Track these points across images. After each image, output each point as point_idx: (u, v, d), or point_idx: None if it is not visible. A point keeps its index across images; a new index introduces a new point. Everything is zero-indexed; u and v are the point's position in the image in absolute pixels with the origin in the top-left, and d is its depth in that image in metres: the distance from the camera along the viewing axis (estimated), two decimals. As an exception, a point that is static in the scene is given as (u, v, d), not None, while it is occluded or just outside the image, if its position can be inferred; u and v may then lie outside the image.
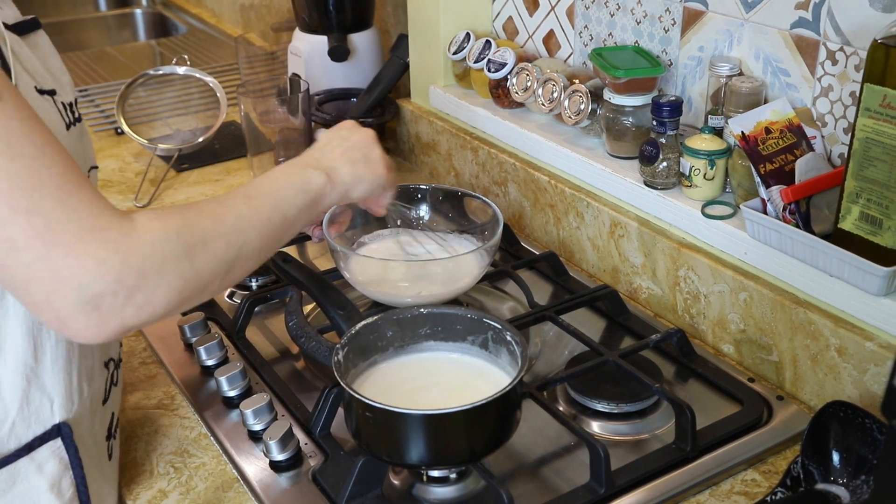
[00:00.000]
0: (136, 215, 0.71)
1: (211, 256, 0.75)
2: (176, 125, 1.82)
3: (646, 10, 1.30)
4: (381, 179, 1.01)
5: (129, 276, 0.68)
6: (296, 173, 0.90)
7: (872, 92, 0.91)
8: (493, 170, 1.48)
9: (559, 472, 0.96)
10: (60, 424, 0.81)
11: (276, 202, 0.85)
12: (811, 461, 0.90)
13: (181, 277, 0.72)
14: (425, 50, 1.62)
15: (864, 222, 0.96)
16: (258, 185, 0.86)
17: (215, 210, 0.78)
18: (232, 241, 0.77)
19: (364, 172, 0.98)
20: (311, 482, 0.94)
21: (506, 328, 0.95)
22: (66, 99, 0.82)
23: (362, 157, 0.98)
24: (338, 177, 0.94)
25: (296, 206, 0.87)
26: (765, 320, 1.07)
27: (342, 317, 1.06)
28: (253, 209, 0.81)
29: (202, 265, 0.74)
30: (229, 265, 0.77)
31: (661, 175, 1.19)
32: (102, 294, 0.67)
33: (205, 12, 2.74)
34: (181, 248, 0.72)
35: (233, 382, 1.07)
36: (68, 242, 0.66)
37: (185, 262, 0.72)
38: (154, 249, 0.70)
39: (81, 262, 0.66)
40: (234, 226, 0.78)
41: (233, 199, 0.81)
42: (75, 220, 0.66)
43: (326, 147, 0.98)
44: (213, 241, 0.75)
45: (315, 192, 0.90)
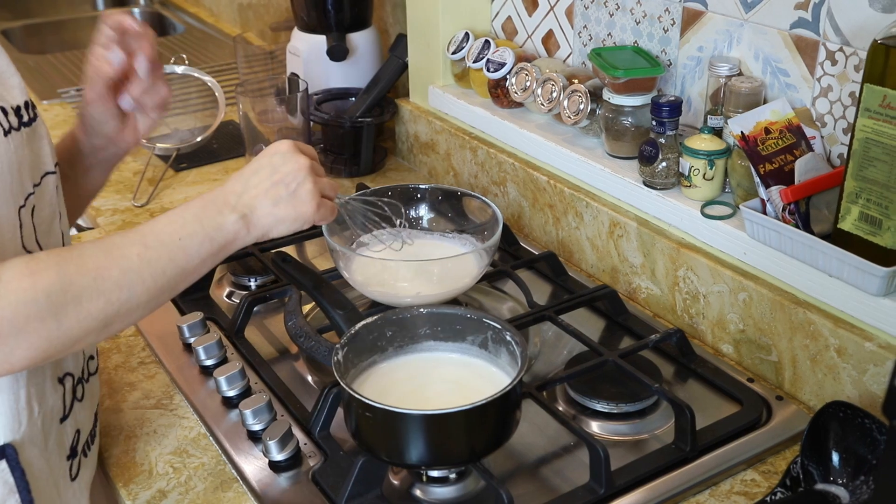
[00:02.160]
0: (7, 270, 0.68)
1: (84, 315, 0.72)
2: (174, 124, 1.82)
3: (645, 10, 1.30)
4: (305, 218, 0.89)
5: None
6: (208, 217, 0.83)
7: (872, 92, 0.91)
8: (492, 170, 1.48)
9: (559, 472, 0.96)
10: (4, 446, 0.78)
11: (174, 254, 0.79)
12: (811, 461, 0.90)
13: (45, 338, 0.69)
14: (424, 49, 1.62)
15: (864, 222, 0.96)
16: (160, 231, 0.80)
17: (100, 265, 0.74)
18: (112, 298, 0.74)
19: (287, 213, 0.88)
20: (311, 482, 0.94)
21: (505, 328, 0.95)
22: (14, 102, 0.78)
23: (288, 195, 0.88)
24: (255, 219, 0.86)
25: (199, 256, 0.81)
26: (764, 320, 1.07)
27: (342, 317, 1.06)
28: (145, 262, 0.76)
29: (72, 324, 0.71)
30: (106, 322, 0.74)
31: (661, 175, 1.19)
32: None
33: (203, 11, 2.74)
34: (48, 310, 0.69)
35: (232, 382, 1.07)
36: None
37: (52, 323, 0.69)
38: (15, 312, 0.67)
39: None
40: (118, 282, 0.74)
41: (125, 249, 0.76)
42: None
43: (252, 179, 0.87)
44: (90, 300, 0.72)
45: (225, 239, 0.83)
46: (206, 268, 0.83)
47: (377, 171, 1.69)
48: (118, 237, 0.77)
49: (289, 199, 0.88)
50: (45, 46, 2.61)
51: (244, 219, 0.85)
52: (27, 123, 0.79)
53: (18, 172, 0.77)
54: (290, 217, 0.88)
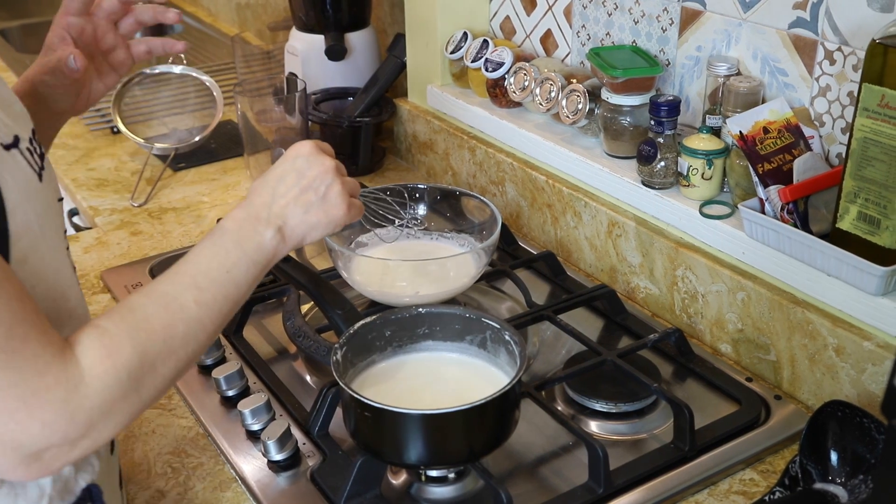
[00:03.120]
0: (83, 354, 0.67)
1: (160, 380, 0.71)
2: (172, 124, 1.82)
3: (643, 9, 1.30)
4: (337, 222, 0.87)
5: (75, 431, 0.65)
6: (246, 239, 0.80)
7: (871, 92, 0.91)
8: (490, 169, 1.48)
9: (558, 471, 0.96)
10: (90, 487, 0.78)
11: (227, 289, 0.78)
12: (809, 460, 0.90)
13: (128, 413, 0.69)
14: (422, 49, 1.62)
15: (862, 222, 0.96)
16: (206, 268, 0.77)
17: (166, 322, 0.72)
18: (181, 355, 0.73)
19: (319, 219, 0.86)
20: (310, 482, 0.94)
21: (504, 328, 0.95)
22: (26, 135, 0.73)
23: (318, 200, 0.85)
24: (289, 230, 0.84)
25: (247, 283, 0.80)
26: (763, 320, 1.07)
27: (340, 316, 1.06)
28: (203, 307, 0.75)
29: (150, 392, 0.71)
30: (178, 374, 0.74)
31: (659, 175, 1.19)
32: (46, 449, 0.65)
33: (201, 11, 2.74)
34: (130, 387, 0.68)
35: (230, 382, 1.07)
36: (12, 409, 0.63)
37: (134, 398, 0.69)
38: (103, 400, 0.67)
39: (24, 428, 0.63)
40: (185, 337, 0.73)
41: (181, 297, 0.74)
42: (19, 382, 0.63)
43: (279, 187, 0.85)
44: (164, 363, 0.71)
45: (266, 258, 0.82)
46: (253, 288, 0.82)
47: (375, 171, 1.69)
48: (167, 285, 0.75)
49: (320, 205, 0.86)
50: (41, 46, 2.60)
51: (279, 232, 0.83)
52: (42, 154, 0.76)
53: (57, 213, 0.76)
54: (322, 223, 0.86)
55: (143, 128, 1.79)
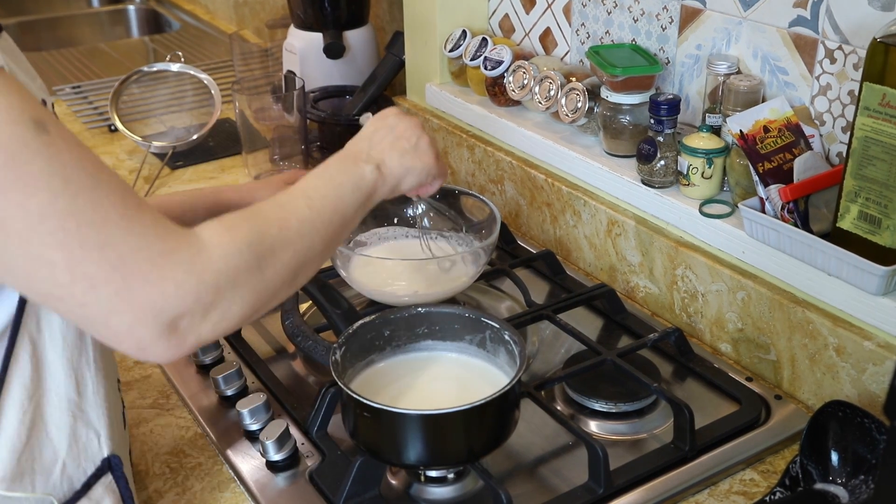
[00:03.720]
0: (202, 231, 0.69)
1: (280, 265, 0.73)
2: (170, 122, 1.82)
3: (643, 7, 1.29)
4: (430, 169, 0.96)
5: (205, 294, 0.66)
6: (349, 169, 0.87)
7: (872, 91, 0.91)
8: (489, 168, 1.48)
9: (557, 471, 0.96)
10: (111, 457, 0.79)
11: (335, 203, 0.82)
12: (810, 461, 0.90)
13: (254, 290, 0.70)
14: (421, 47, 1.61)
15: (863, 221, 0.96)
16: (317, 185, 0.83)
17: (280, 216, 0.76)
18: (298, 248, 0.75)
19: (414, 164, 0.93)
20: (308, 482, 0.94)
21: (504, 327, 0.95)
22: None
23: (411, 148, 0.94)
24: (388, 170, 0.90)
25: (353, 205, 0.85)
26: (763, 319, 1.07)
27: (339, 316, 1.06)
28: (315, 212, 0.79)
29: (272, 275, 0.72)
30: (296, 272, 0.76)
31: (659, 173, 1.19)
32: (181, 315, 0.65)
33: (198, 9, 2.73)
34: (253, 261, 0.70)
35: (229, 382, 1.06)
36: (145, 270, 0.64)
37: (258, 274, 0.71)
38: (227, 265, 0.68)
39: (160, 289, 0.64)
40: (299, 232, 0.76)
41: (294, 202, 0.79)
42: (146, 246, 0.64)
43: (374, 137, 0.93)
44: (282, 250, 0.74)
45: (368, 188, 0.87)
46: (359, 217, 0.87)
47: (374, 170, 1.68)
48: (282, 196, 0.79)
49: (413, 151, 0.93)
50: (41, 43, 2.60)
51: (378, 169, 0.89)
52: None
53: None
54: (416, 167, 0.93)
55: (140, 126, 1.79)
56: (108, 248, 0.63)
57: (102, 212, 0.63)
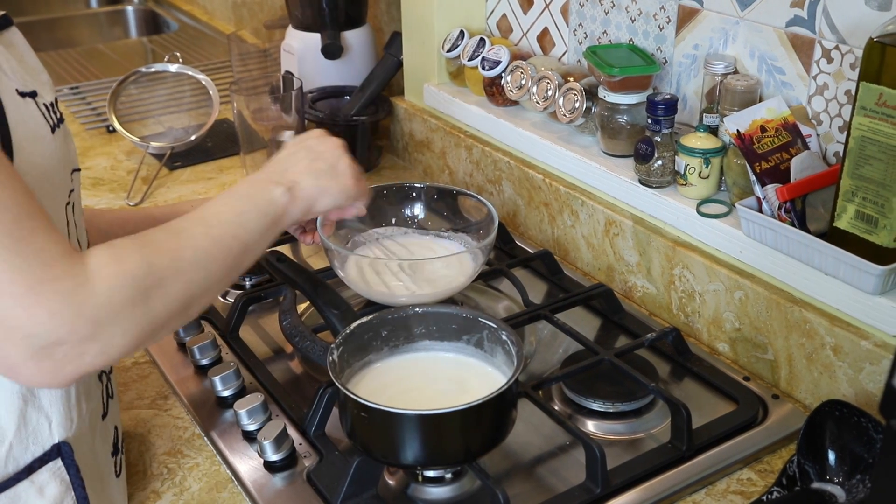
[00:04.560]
0: (92, 258, 0.68)
1: (169, 298, 0.72)
2: (168, 123, 1.82)
3: (640, 7, 1.29)
4: (347, 191, 0.96)
5: (82, 327, 0.66)
6: (256, 193, 0.86)
7: (868, 90, 0.91)
8: (487, 168, 1.48)
9: (555, 471, 0.96)
10: (60, 444, 0.79)
11: (236, 231, 0.81)
12: (807, 460, 0.90)
13: (137, 324, 0.70)
14: (419, 47, 1.61)
15: (860, 221, 0.96)
16: (218, 211, 0.82)
17: (174, 246, 0.75)
18: (191, 278, 0.74)
19: (329, 185, 0.93)
20: (306, 482, 0.94)
21: (501, 327, 0.95)
22: (48, 99, 0.79)
23: (328, 169, 0.94)
24: (300, 191, 0.90)
25: (257, 231, 0.84)
26: (760, 319, 1.07)
27: (337, 316, 1.06)
28: (212, 241, 0.78)
29: (159, 308, 0.71)
30: (188, 303, 0.75)
31: (656, 173, 1.19)
32: (55, 344, 0.65)
33: (197, 9, 2.73)
34: (138, 295, 0.69)
35: (226, 382, 1.06)
36: (18, 293, 0.64)
37: (142, 308, 0.70)
38: (109, 299, 0.67)
39: (31, 314, 0.64)
40: (194, 262, 0.75)
41: (192, 230, 0.78)
42: (26, 269, 0.64)
43: (290, 159, 0.93)
44: (172, 282, 0.73)
45: (276, 212, 0.87)
46: (265, 244, 0.86)
47: (372, 170, 1.68)
48: (179, 222, 0.78)
49: (329, 172, 0.94)
50: (39, 44, 2.60)
51: (290, 191, 0.89)
52: (62, 120, 0.80)
53: (64, 170, 0.78)
54: (333, 189, 0.94)
55: (138, 126, 1.79)
56: None
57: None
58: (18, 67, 0.77)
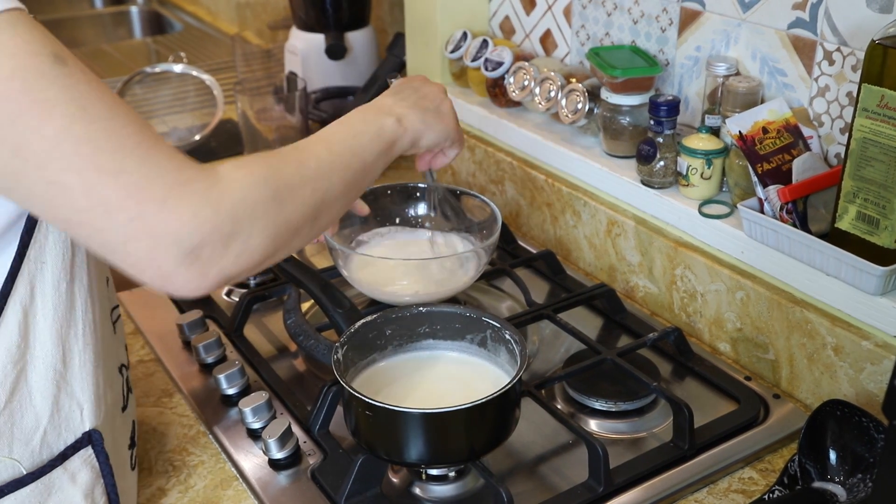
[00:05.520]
0: (219, 167, 0.70)
1: (299, 201, 0.74)
2: (172, 123, 1.82)
3: (643, 9, 1.30)
4: (449, 131, 0.99)
5: (223, 223, 0.67)
6: (370, 119, 0.89)
7: (870, 92, 0.92)
8: (489, 168, 1.48)
9: (558, 470, 0.96)
10: (91, 431, 0.80)
11: (354, 148, 0.84)
12: (808, 459, 0.91)
13: (273, 222, 0.71)
14: (422, 48, 1.62)
15: (861, 222, 0.96)
16: (335, 132, 0.85)
17: (297, 157, 0.77)
18: (317, 186, 0.76)
19: (434, 122, 0.96)
20: (310, 480, 0.95)
21: (504, 327, 0.96)
22: None
23: (433, 108, 0.97)
24: (409, 124, 0.93)
25: (373, 152, 0.86)
26: (761, 319, 1.08)
27: (341, 315, 1.06)
28: (334, 154, 0.81)
29: (291, 210, 0.73)
30: (317, 210, 0.76)
31: (659, 174, 1.19)
32: (201, 244, 0.66)
33: (201, 10, 2.73)
34: (270, 193, 0.71)
35: (231, 380, 1.07)
36: (160, 197, 0.64)
37: (276, 207, 0.71)
38: (244, 196, 0.69)
39: (177, 216, 0.65)
40: (317, 171, 0.77)
41: (313, 146, 0.80)
42: (162, 175, 0.65)
43: (399, 95, 0.97)
44: (300, 186, 0.74)
45: (389, 138, 0.89)
46: (380, 166, 0.88)
47: (375, 170, 1.69)
48: (300, 142, 0.81)
49: (434, 112, 0.97)
50: (43, 44, 2.60)
51: (399, 122, 0.91)
52: None
53: None
54: (437, 127, 0.97)
55: (143, 126, 1.79)
56: (123, 175, 0.63)
57: (118, 140, 0.64)
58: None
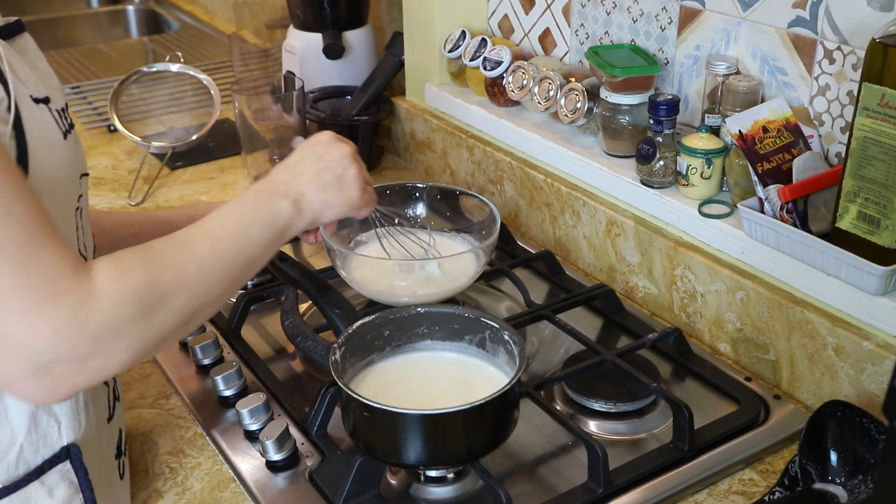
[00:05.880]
0: (97, 271, 0.68)
1: (171, 313, 0.72)
2: (169, 122, 1.82)
3: (642, 8, 1.30)
4: (352, 203, 0.95)
5: (83, 344, 0.66)
6: (263, 205, 0.86)
7: (871, 91, 0.91)
8: (488, 168, 1.48)
9: (557, 471, 0.96)
10: (69, 446, 0.79)
11: (241, 244, 0.81)
12: (809, 460, 0.90)
13: (138, 340, 0.70)
14: (420, 48, 1.61)
15: (862, 221, 0.96)
16: (224, 223, 0.82)
17: (178, 259, 0.75)
18: (193, 294, 0.75)
19: (335, 197, 0.93)
20: (308, 482, 0.94)
21: (503, 327, 0.95)
22: (59, 105, 0.79)
23: (335, 181, 0.93)
24: (307, 204, 0.90)
25: (262, 244, 0.84)
26: (762, 319, 1.07)
27: (339, 316, 1.06)
28: (217, 255, 0.78)
29: (160, 324, 0.72)
30: (189, 318, 0.75)
31: (658, 174, 1.19)
32: (55, 361, 0.65)
33: (198, 9, 2.73)
34: (140, 311, 0.69)
35: (229, 382, 1.06)
36: (24, 308, 0.64)
37: (144, 325, 0.70)
38: (112, 315, 0.67)
39: (35, 330, 0.64)
40: (197, 276, 0.75)
41: (197, 243, 0.78)
42: (35, 283, 0.64)
43: (299, 167, 0.92)
44: (175, 297, 0.73)
45: (282, 224, 0.87)
46: (268, 256, 0.86)
47: (373, 170, 1.69)
48: (185, 233, 0.78)
49: (336, 184, 0.93)
50: (40, 44, 2.56)
51: (296, 204, 0.88)
52: (72, 125, 0.80)
53: (73, 175, 0.78)
54: (338, 201, 0.93)
55: (140, 126, 1.79)
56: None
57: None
58: (31, 73, 0.77)
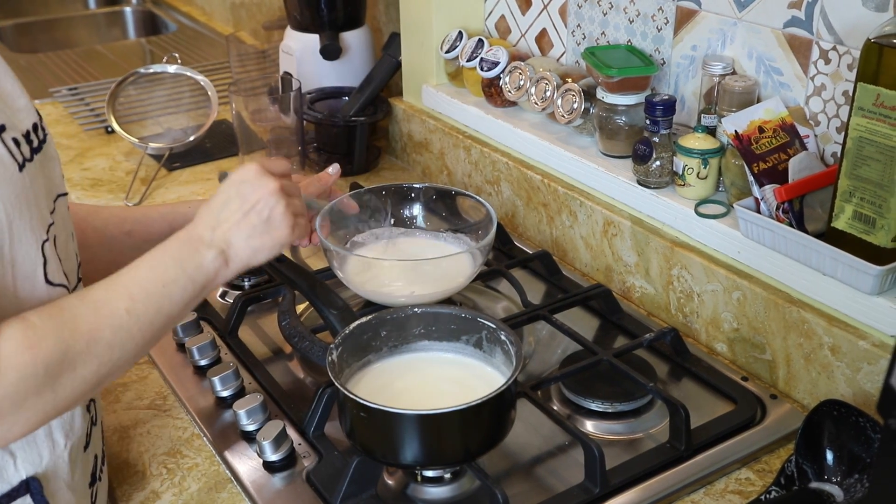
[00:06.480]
0: (5, 340, 0.66)
1: (79, 381, 0.71)
2: (167, 124, 1.82)
3: (638, 8, 1.30)
4: (283, 242, 0.89)
5: None
6: (186, 258, 0.82)
7: (866, 91, 0.91)
8: (485, 169, 1.48)
9: (554, 471, 0.96)
10: (28, 480, 0.76)
11: (160, 304, 0.78)
12: (805, 460, 0.91)
13: (41, 411, 0.69)
14: (417, 48, 1.61)
15: (858, 221, 0.96)
16: (143, 280, 0.78)
17: (92, 326, 0.72)
18: (105, 359, 0.73)
19: (263, 242, 0.87)
20: (305, 482, 0.94)
21: (500, 327, 0.95)
22: (23, 127, 0.74)
23: (262, 224, 0.87)
24: (233, 253, 0.85)
25: (183, 302, 0.80)
26: (758, 319, 1.07)
27: (336, 316, 1.06)
28: (134, 317, 0.75)
29: (67, 394, 0.70)
30: (97, 383, 0.73)
31: (655, 174, 1.19)
32: None
33: (195, 10, 2.73)
34: (46, 383, 0.68)
35: (226, 382, 1.06)
36: None
37: (49, 395, 0.69)
38: (16, 389, 0.66)
39: None
40: (110, 343, 0.73)
41: (113, 303, 0.75)
42: None
43: (223, 212, 0.86)
44: (84, 365, 0.71)
45: (206, 277, 0.83)
46: (190, 308, 0.83)
47: (371, 171, 1.69)
48: (102, 291, 0.76)
49: (263, 227, 0.87)
50: (37, 45, 2.60)
51: (222, 254, 0.84)
52: (38, 148, 0.76)
53: (37, 206, 0.74)
54: (266, 246, 0.88)
55: (137, 127, 1.79)
56: None
57: None
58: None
